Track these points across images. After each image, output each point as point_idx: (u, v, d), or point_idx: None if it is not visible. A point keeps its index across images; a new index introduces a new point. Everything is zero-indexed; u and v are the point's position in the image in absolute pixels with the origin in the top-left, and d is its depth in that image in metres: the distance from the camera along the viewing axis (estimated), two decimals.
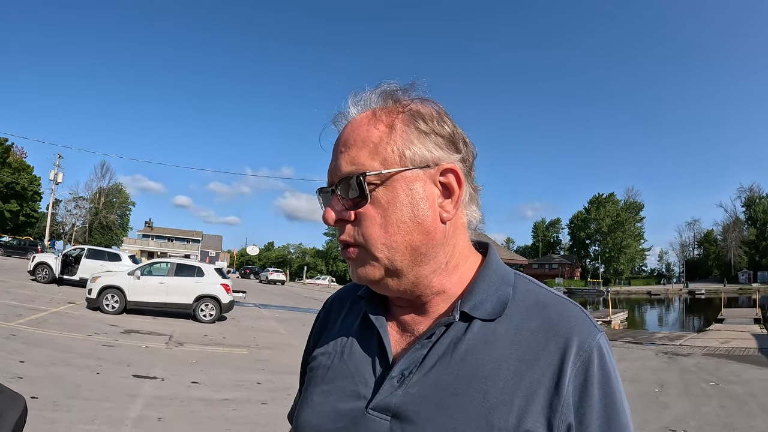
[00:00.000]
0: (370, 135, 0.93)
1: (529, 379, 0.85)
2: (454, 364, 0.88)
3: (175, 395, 7.66)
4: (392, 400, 0.89)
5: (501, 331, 0.90)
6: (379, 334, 0.98)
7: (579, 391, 0.84)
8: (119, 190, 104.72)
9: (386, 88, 0.98)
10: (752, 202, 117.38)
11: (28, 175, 78.39)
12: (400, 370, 0.92)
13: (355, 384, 0.96)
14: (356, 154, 0.92)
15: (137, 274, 16.75)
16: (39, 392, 6.85)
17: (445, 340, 0.91)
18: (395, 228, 0.90)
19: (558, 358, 0.85)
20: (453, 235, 0.96)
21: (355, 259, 0.94)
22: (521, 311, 0.92)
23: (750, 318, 28.94)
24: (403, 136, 0.92)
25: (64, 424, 5.91)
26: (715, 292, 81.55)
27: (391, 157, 0.91)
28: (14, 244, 47.18)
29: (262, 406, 7.47)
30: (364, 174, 0.90)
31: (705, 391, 9.82)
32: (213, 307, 16.94)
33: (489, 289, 0.95)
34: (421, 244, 0.91)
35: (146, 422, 6.33)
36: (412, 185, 0.91)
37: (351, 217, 0.93)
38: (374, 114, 0.95)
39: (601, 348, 0.88)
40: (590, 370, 0.85)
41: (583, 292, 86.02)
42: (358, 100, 0.99)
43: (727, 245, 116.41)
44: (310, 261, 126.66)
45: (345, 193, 0.93)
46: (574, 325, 0.89)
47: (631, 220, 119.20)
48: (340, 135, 0.98)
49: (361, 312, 1.06)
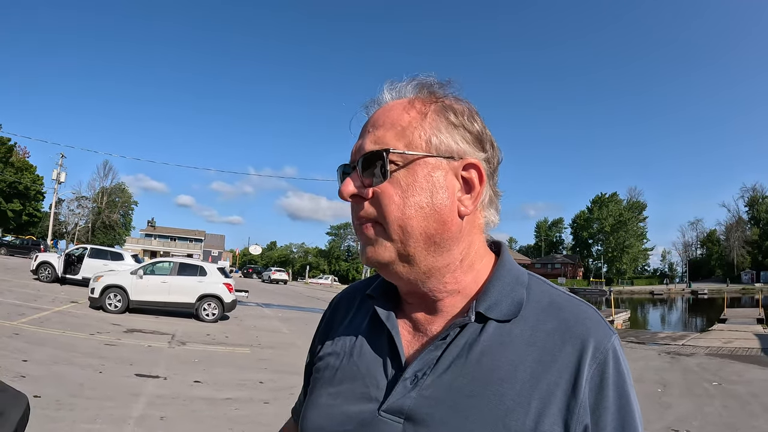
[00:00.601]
0: (400, 118, 0.93)
1: (546, 381, 0.84)
2: (470, 366, 0.87)
3: (177, 394, 7.67)
4: (406, 402, 0.88)
5: (517, 333, 0.89)
6: (390, 334, 0.97)
7: (595, 393, 0.84)
8: (122, 189, 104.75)
9: (423, 80, 0.98)
10: (755, 202, 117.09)
11: (31, 174, 78.49)
12: (414, 371, 0.90)
13: (366, 386, 0.95)
14: (383, 134, 0.92)
15: (140, 273, 16.75)
16: (42, 391, 6.86)
17: (460, 342, 0.90)
18: (412, 211, 0.89)
19: (575, 359, 0.85)
20: (469, 233, 0.96)
21: (369, 237, 0.93)
22: (536, 312, 0.91)
23: (753, 318, 28.87)
24: (432, 124, 0.92)
25: (67, 423, 5.92)
26: (718, 292, 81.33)
27: (417, 141, 0.91)
28: (17, 243, 47.21)
29: (265, 405, 7.47)
30: (387, 150, 0.90)
31: (708, 391, 9.81)
32: (215, 306, 16.93)
33: (504, 289, 0.93)
34: (436, 233, 0.90)
35: (148, 421, 6.34)
36: (433, 172, 0.90)
37: (369, 194, 0.92)
38: (408, 101, 0.96)
39: (615, 350, 0.87)
40: (606, 372, 0.85)
41: (586, 291, 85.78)
42: (393, 88, 0.99)
43: (729, 245, 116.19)
44: (313, 260, 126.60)
45: (365, 170, 0.92)
46: (590, 326, 0.88)
47: (633, 219, 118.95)
48: (370, 117, 0.98)
49: (370, 311, 1.04)
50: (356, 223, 0.96)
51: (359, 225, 0.95)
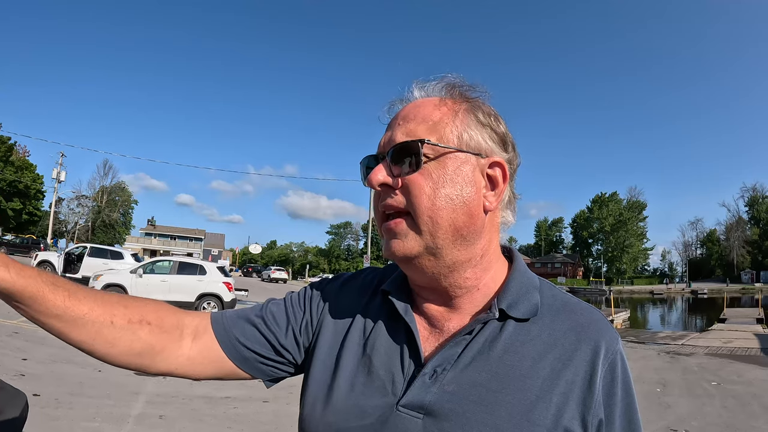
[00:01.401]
0: (431, 114, 0.95)
1: (565, 378, 0.88)
2: (493, 362, 0.90)
3: (176, 393, 7.66)
4: (426, 397, 0.89)
5: (535, 332, 0.93)
6: (409, 328, 0.98)
7: (607, 390, 0.90)
8: (122, 188, 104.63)
9: (452, 81, 1.01)
10: (755, 202, 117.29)
11: (31, 173, 78.35)
12: (433, 367, 0.92)
13: (381, 380, 0.95)
14: (414, 127, 0.94)
15: (139, 272, 16.79)
16: (41, 390, 6.86)
17: (480, 339, 0.93)
18: (442, 202, 0.90)
19: (590, 358, 0.90)
20: (490, 230, 0.99)
21: (397, 232, 0.93)
22: (551, 314, 0.96)
23: (752, 318, 28.85)
24: (463, 121, 0.95)
25: (66, 421, 5.91)
26: (718, 291, 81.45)
27: (448, 136, 0.93)
28: (17, 242, 47.18)
29: (264, 404, 7.46)
30: (423, 141, 0.91)
31: (707, 391, 9.80)
32: (215, 305, 16.98)
33: (521, 290, 0.97)
34: (464, 226, 0.92)
35: (148, 420, 6.33)
36: (462, 167, 0.93)
37: (398, 184, 0.93)
38: (440, 100, 0.98)
39: (622, 353, 0.94)
40: (616, 371, 0.91)
41: (586, 291, 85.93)
42: (423, 87, 1.02)
43: (729, 245, 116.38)
44: (313, 259, 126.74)
45: (395, 160, 0.93)
46: (602, 329, 0.94)
47: (633, 219, 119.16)
48: (400, 111, 1.00)
49: (385, 304, 1.04)
50: (380, 213, 0.97)
51: (384, 216, 0.96)
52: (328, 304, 1.12)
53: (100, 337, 0.96)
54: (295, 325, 1.11)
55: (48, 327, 0.95)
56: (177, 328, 1.05)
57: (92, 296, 0.97)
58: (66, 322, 0.94)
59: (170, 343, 1.03)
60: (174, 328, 1.04)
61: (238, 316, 1.13)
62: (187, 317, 1.08)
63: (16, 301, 0.91)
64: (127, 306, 1.00)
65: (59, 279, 0.96)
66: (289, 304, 1.14)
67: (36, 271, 0.93)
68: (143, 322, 1.00)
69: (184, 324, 1.07)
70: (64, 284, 0.95)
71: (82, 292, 0.96)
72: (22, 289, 0.89)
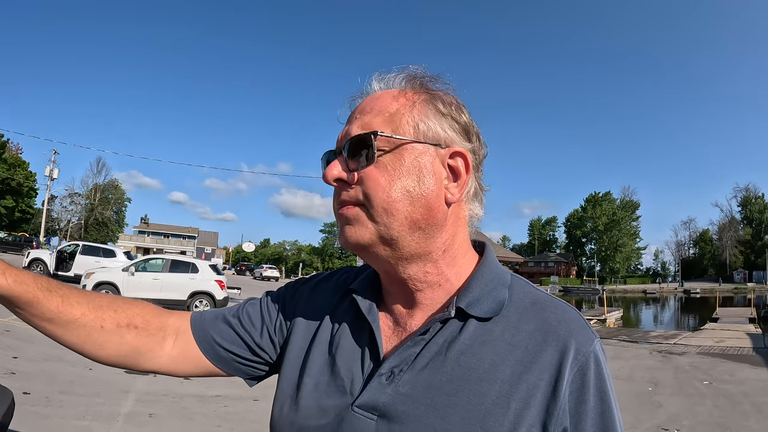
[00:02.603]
0: (388, 106, 0.93)
1: (527, 382, 0.82)
2: (449, 365, 0.86)
3: (167, 391, 7.65)
4: (380, 398, 0.86)
5: (498, 332, 0.88)
6: (371, 327, 0.96)
7: (576, 396, 0.82)
8: (115, 186, 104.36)
9: (413, 73, 0.98)
10: (748, 202, 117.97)
11: (24, 171, 78.05)
12: (390, 367, 0.89)
13: (342, 379, 0.93)
14: (370, 120, 0.92)
15: (132, 270, 16.75)
16: (31, 388, 6.84)
17: (440, 339, 0.89)
18: (398, 194, 0.87)
19: (556, 361, 0.83)
20: (454, 223, 0.95)
21: (349, 218, 0.91)
22: (518, 312, 0.90)
23: (745, 317, 29.00)
24: (420, 111, 0.92)
25: (56, 419, 5.90)
26: (710, 291, 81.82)
27: (404, 127, 0.90)
28: (10, 240, 47.06)
29: (254, 402, 7.44)
30: (375, 133, 0.89)
31: (699, 391, 9.82)
32: (207, 303, 16.97)
33: (486, 287, 0.92)
34: (421, 218, 0.89)
35: (137, 418, 6.32)
36: (420, 158, 0.90)
37: (354, 179, 0.91)
38: (399, 91, 0.95)
39: (597, 354, 0.86)
40: (587, 375, 0.84)
41: (579, 290, 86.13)
42: (382, 79, 0.99)
43: (722, 245, 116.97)
44: (306, 258, 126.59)
45: (351, 154, 0.91)
46: (573, 328, 0.87)
47: (626, 218, 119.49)
48: (358, 105, 0.98)
49: (352, 304, 1.02)
50: (336, 207, 0.94)
51: (340, 207, 0.93)
52: (301, 304, 1.12)
53: (90, 339, 1.02)
54: (269, 325, 1.11)
55: (41, 329, 1.01)
56: (161, 330, 1.09)
57: (84, 300, 1.02)
58: (59, 326, 1.00)
59: (154, 345, 1.08)
60: (158, 330, 1.08)
61: (216, 316, 1.15)
62: (170, 318, 1.12)
63: (12, 305, 0.97)
64: (116, 310, 1.04)
65: (54, 284, 1.01)
66: (264, 304, 1.14)
67: (32, 277, 0.99)
68: (130, 326, 1.05)
69: (167, 325, 1.10)
70: (58, 289, 1.00)
71: (74, 297, 1.01)
72: (19, 295, 0.95)
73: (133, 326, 1.05)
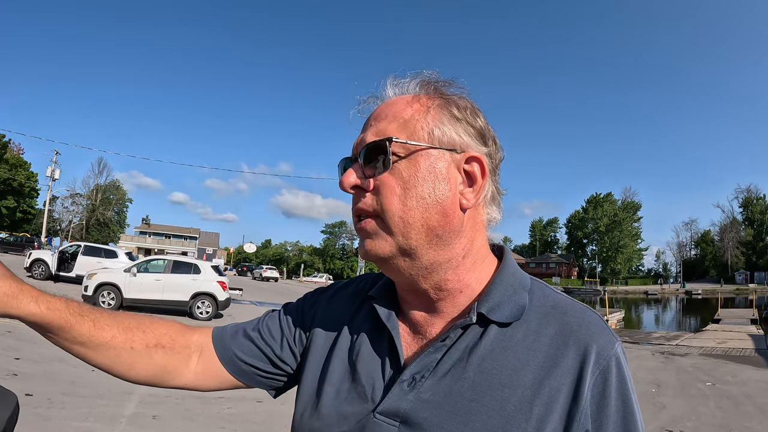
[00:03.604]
0: (403, 111, 0.92)
1: (549, 386, 0.82)
2: (471, 371, 0.86)
3: (170, 393, 7.60)
4: (402, 404, 0.86)
5: (519, 337, 0.88)
6: (391, 335, 0.95)
7: (597, 399, 0.82)
8: (116, 186, 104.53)
9: (427, 77, 0.98)
10: (749, 203, 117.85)
11: (26, 171, 78.13)
12: (412, 374, 0.89)
13: (363, 386, 0.93)
14: (385, 126, 0.92)
15: (133, 271, 16.68)
16: (34, 389, 6.83)
17: (461, 345, 0.88)
18: (414, 202, 0.87)
19: (577, 364, 0.83)
20: (472, 228, 0.94)
21: (368, 231, 0.91)
22: (539, 316, 0.90)
23: (747, 318, 28.97)
24: (435, 117, 0.91)
25: (59, 421, 5.89)
26: (712, 292, 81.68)
27: (419, 133, 0.90)
28: (11, 240, 47.09)
29: (257, 404, 7.44)
30: (390, 139, 0.89)
31: (701, 392, 9.82)
32: (209, 304, 16.91)
33: (507, 292, 0.92)
34: (438, 225, 0.88)
35: (141, 420, 6.31)
36: (435, 164, 0.89)
37: (369, 186, 0.91)
38: (413, 97, 0.95)
39: (618, 357, 0.86)
40: (609, 379, 0.83)
41: (580, 291, 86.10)
42: (397, 84, 0.99)
43: (724, 246, 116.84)
44: (308, 259, 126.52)
45: (367, 161, 0.91)
46: (594, 332, 0.87)
47: (628, 219, 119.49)
48: (373, 111, 0.98)
49: (372, 311, 1.02)
50: (355, 218, 0.94)
51: (358, 220, 0.93)
52: (319, 313, 1.12)
53: (119, 360, 1.06)
54: (289, 336, 1.12)
55: (73, 352, 1.04)
56: (186, 348, 1.12)
57: (114, 323, 1.05)
58: (90, 349, 1.03)
59: (180, 363, 1.11)
60: (184, 348, 1.11)
61: (236, 331, 1.16)
62: (194, 335, 1.15)
63: (44, 330, 0.99)
64: (144, 331, 1.08)
65: (85, 308, 1.03)
66: (283, 316, 1.15)
67: (64, 302, 1.00)
68: (158, 345, 1.08)
69: (191, 342, 1.13)
70: (89, 313, 1.03)
71: (105, 320, 1.04)
72: (51, 321, 0.97)
73: (161, 346, 1.08)
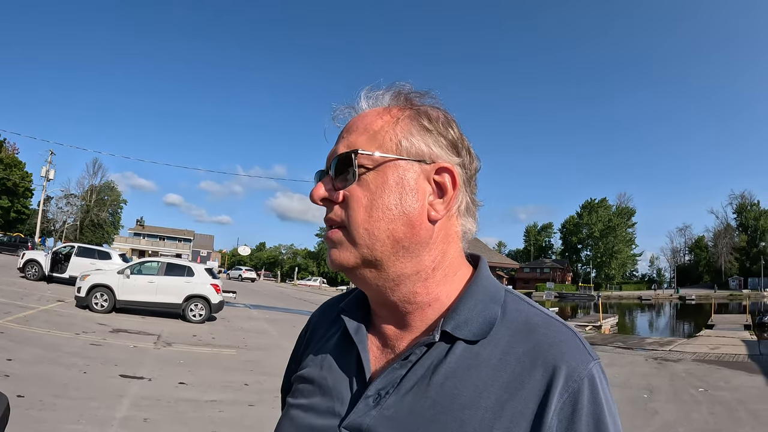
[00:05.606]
0: (373, 123, 0.92)
1: (511, 409, 0.78)
2: (433, 389, 0.83)
3: (162, 396, 7.61)
4: (365, 420, 0.85)
5: (485, 355, 0.84)
6: (358, 349, 0.94)
7: (565, 425, 0.76)
8: (111, 187, 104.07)
9: (400, 88, 0.97)
10: (743, 209, 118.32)
11: (20, 171, 77.93)
12: (377, 389, 0.87)
13: (332, 401, 0.92)
14: (355, 138, 0.92)
15: (127, 272, 16.63)
16: (25, 391, 6.80)
17: (426, 362, 0.86)
18: (379, 213, 0.86)
19: (543, 387, 0.78)
20: (443, 240, 0.92)
21: (333, 240, 0.91)
22: (509, 333, 0.86)
23: (740, 324, 29.10)
24: (404, 128, 0.91)
25: (50, 423, 5.87)
26: (706, 298, 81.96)
27: (388, 144, 0.89)
28: (5, 240, 46.96)
29: (249, 407, 7.43)
30: (356, 151, 0.89)
31: (694, 397, 9.84)
32: (202, 307, 16.84)
33: (476, 307, 0.88)
34: (404, 237, 0.87)
35: (132, 422, 6.28)
36: (404, 175, 0.88)
37: (339, 198, 0.90)
38: (384, 108, 0.95)
39: (593, 378, 0.80)
40: (579, 402, 0.77)
41: (574, 296, 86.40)
42: (370, 96, 0.98)
43: (717, 251, 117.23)
44: (302, 262, 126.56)
45: (337, 173, 0.91)
46: (565, 351, 0.81)
47: (622, 225, 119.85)
48: (347, 123, 0.97)
49: (343, 325, 1.01)
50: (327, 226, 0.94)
51: (329, 228, 0.93)
52: (310, 330, 1.14)
53: None
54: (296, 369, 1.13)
55: None
56: None
57: None
58: None
59: None
60: None
61: None
62: None
63: None
64: None
65: None
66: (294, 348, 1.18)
67: None
68: None
69: None
70: None
71: None
72: None
73: None
